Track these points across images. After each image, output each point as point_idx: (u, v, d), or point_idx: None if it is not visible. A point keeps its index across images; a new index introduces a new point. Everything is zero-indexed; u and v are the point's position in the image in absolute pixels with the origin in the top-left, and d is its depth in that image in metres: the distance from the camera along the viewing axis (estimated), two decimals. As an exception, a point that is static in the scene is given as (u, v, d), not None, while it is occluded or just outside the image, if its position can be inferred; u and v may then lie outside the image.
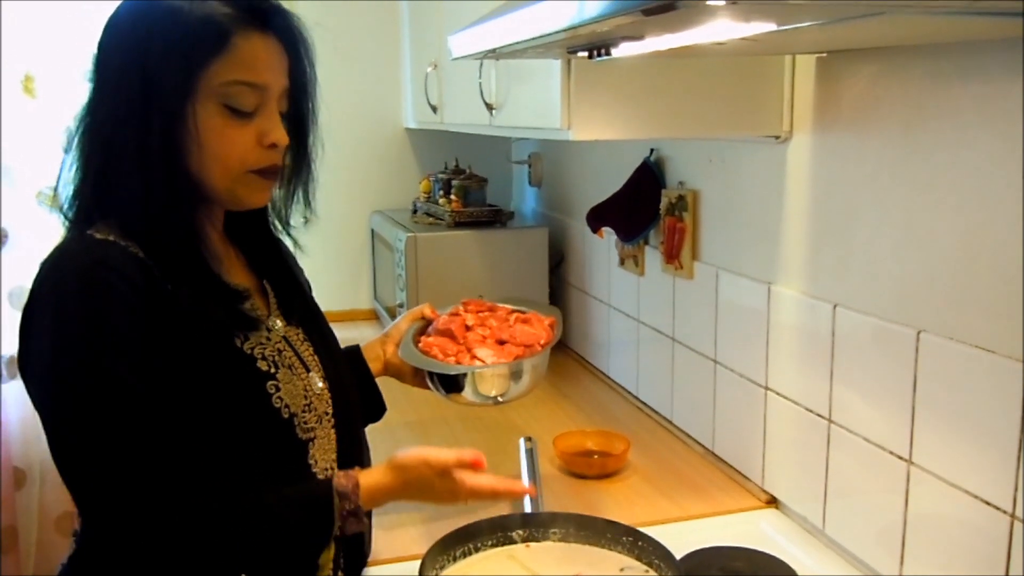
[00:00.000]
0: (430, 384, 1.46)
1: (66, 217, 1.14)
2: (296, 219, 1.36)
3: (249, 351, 1.13)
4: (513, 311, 1.58)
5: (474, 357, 1.42)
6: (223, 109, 1.09)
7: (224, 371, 1.10)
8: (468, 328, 1.49)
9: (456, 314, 1.54)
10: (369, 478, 1.15)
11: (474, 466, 1.19)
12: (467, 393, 1.42)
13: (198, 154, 1.09)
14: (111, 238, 1.08)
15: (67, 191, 1.14)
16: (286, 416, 1.14)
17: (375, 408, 1.47)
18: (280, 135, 1.13)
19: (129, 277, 1.04)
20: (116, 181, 1.10)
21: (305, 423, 1.17)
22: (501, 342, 1.47)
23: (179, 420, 1.05)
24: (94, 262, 1.05)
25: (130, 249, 1.07)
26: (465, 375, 1.41)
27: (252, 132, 1.11)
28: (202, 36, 1.07)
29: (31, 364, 1.07)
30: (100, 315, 1.02)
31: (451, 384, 1.43)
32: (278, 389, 1.14)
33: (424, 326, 1.55)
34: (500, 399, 1.44)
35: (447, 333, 1.47)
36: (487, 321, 1.52)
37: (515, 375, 1.43)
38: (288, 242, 1.34)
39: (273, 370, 1.14)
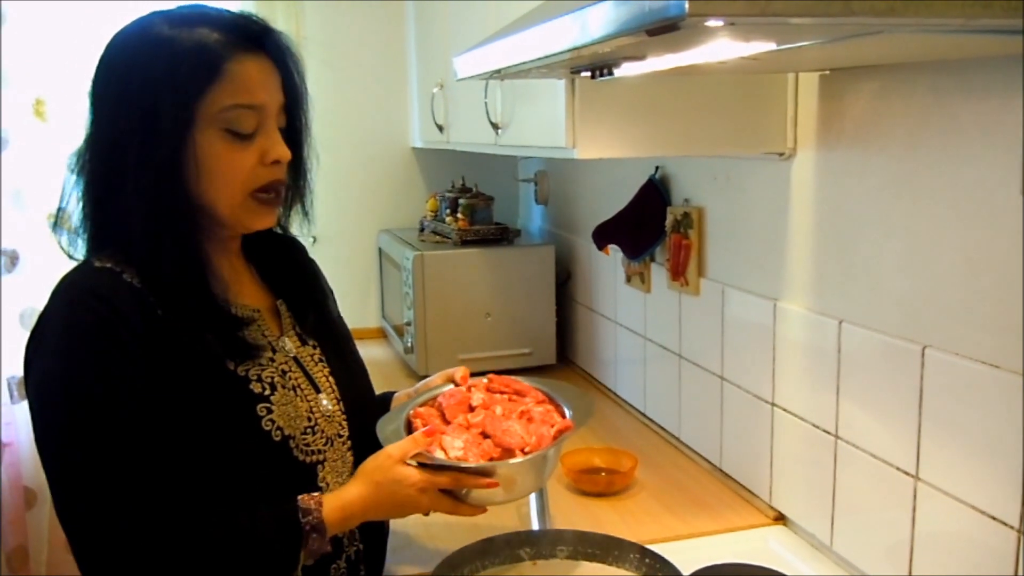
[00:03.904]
0: None
1: (62, 247, 1.17)
2: (305, 239, 1.38)
3: (243, 373, 1.14)
4: (543, 400, 1.37)
5: (439, 445, 1.23)
6: (224, 134, 1.10)
7: (213, 394, 1.11)
8: (472, 408, 1.32)
9: (469, 388, 1.38)
10: (332, 494, 1.14)
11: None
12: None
13: (202, 181, 1.10)
14: (108, 265, 1.09)
15: (75, 220, 1.15)
16: (278, 438, 1.14)
17: None
18: (282, 151, 1.14)
19: (117, 306, 1.05)
20: (116, 210, 1.11)
21: (307, 445, 1.17)
22: (486, 435, 1.25)
23: (166, 446, 1.06)
24: (85, 292, 1.06)
25: (124, 276, 1.09)
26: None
27: (254, 153, 1.12)
28: (196, 65, 1.07)
29: (27, 392, 1.09)
30: (83, 347, 1.04)
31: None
32: (270, 411, 1.14)
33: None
34: (462, 497, 1.23)
35: (440, 409, 1.32)
36: (493, 405, 1.32)
37: (481, 479, 1.20)
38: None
39: (268, 392, 1.15)
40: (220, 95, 1.08)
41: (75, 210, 1.15)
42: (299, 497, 1.11)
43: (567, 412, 1.34)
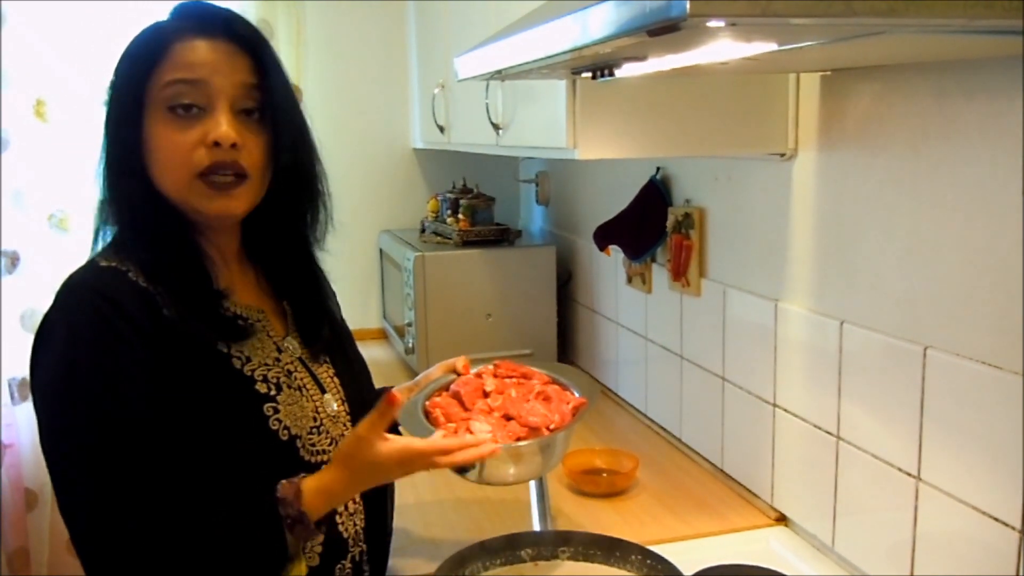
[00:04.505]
0: None
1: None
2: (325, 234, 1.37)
3: (249, 373, 1.14)
4: (549, 382, 1.40)
5: (468, 430, 1.23)
6: (168, 114, 1.10)
7: (220, 394, 1.11)
8: (486, 394, 1.33)
9: (479, 375, 1.39)
10: (312, 479, 1.10)
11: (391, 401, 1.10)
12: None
13: (154, 164, 1.12)
14: (113, 264, 1.10)
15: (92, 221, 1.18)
16: (285, 438, 1.13)
17: None
18: (224, 133, 1.10)
19: (121, 305, 1.05)
20: (109, 205, 1.14)
21: (313, 445, 1.17)
22: (508, 418, 1.28)
23: (171, 445, 1.05)
24: (89, 290, 1.07)
25: (129, 275, 1.09)
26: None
27: (197, 133, 1.11)
28: (144, 48, 1.12)
29: (32, 391, 1.09)
30: (88, 346, 1.03)
31: None
32: (276, 411, 1.14)
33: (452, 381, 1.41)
34: (489, 482, 1.25)
35: (457, 396, 1.33)
36: (508, 389, 1.34)
37: (508, 459, 1.23)
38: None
39: (274, 392, 1.15)
40: (162, 72, 1.10)
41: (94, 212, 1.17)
42: (280, 484, 1.08)
43: (575, 391, 1.37)
